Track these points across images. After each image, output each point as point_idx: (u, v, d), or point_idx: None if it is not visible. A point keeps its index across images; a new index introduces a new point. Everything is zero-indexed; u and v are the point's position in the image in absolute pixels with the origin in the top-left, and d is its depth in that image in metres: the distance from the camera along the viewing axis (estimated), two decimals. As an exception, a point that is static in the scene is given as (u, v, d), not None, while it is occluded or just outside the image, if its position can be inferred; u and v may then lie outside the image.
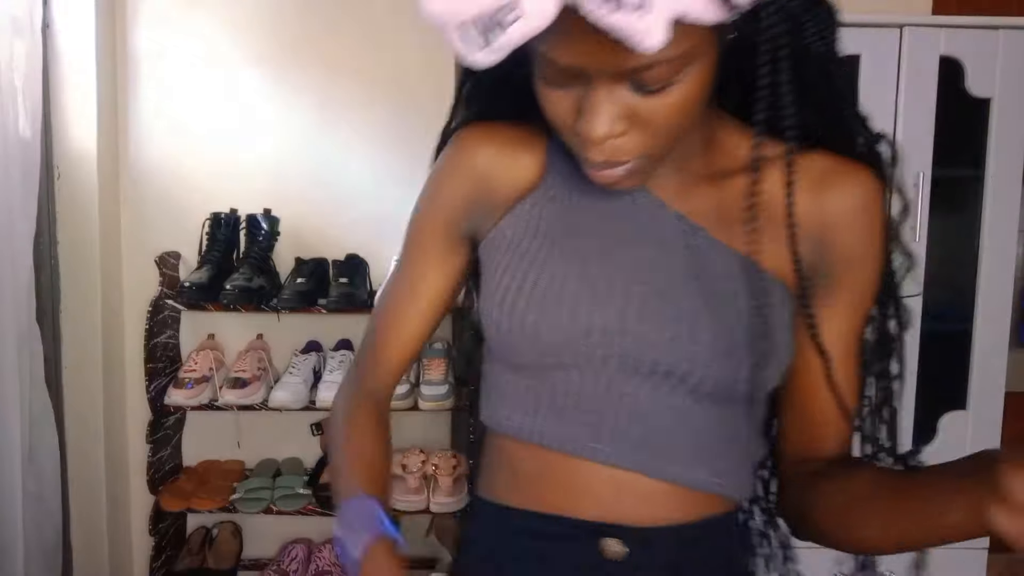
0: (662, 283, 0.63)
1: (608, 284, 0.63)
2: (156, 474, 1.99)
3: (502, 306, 0.65)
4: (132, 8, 2.05)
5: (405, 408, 1.92)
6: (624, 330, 0.62)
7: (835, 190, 0.63)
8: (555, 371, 0.64)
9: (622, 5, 0.45)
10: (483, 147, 0.70)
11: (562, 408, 0.64)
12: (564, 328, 0.62)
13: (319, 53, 2.08)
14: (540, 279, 0.64)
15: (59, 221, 1.91)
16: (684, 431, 0.63)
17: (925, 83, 1.72)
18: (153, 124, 2.08)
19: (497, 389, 0.69)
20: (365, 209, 2.11)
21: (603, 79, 0.53)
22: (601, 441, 0.63)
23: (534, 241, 0.66)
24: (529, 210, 0.68)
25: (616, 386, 0.63)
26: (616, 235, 0.65)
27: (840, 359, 0.65)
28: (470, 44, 0.50)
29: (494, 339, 0.67)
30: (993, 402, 1.82)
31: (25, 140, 1.72)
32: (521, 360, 0.66)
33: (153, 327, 1.96)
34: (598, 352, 0.63)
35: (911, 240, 1.76)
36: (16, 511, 1.67)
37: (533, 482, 0.66)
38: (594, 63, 0.52)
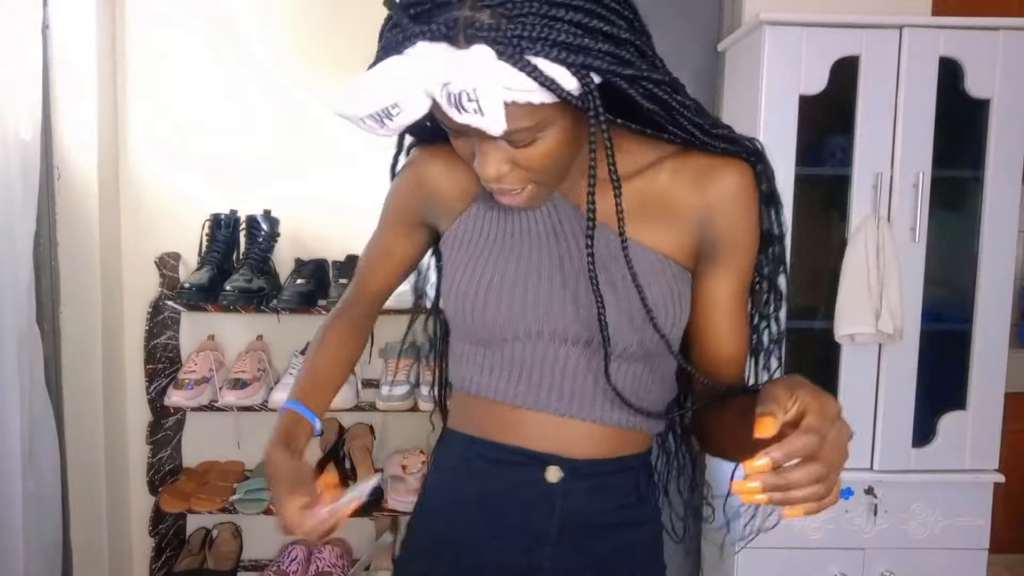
0: (579, 272, 0.81)
1: (537, 275, 0.81)
2: (156, 475, 1.99)
3: (457, 296, 0.83)
4: (132, 8, 2.05)
5: (405, 408, 1.92)
6: (551, 312, 0.81)
7: (714, 182, 0.79)
8: (502, 344, 0.83)
9: (463, 110, 0.63)
10: (431, 162, 0.89)
11: (510, 371, 0.83)
12: (506, 312, 0.81)
13: (319, 53, 2.08)
14: (485, 274, 0.82)
15: (59, 222, 1.91)
16: (603, 383, 0.81)
17: (925, 83, 1.72)
18: (153, 125, 2.08)
19: (459, 357, 0.88)
20: (365, 210, 2.10)
21: (484, 140, 0.70)
22: (541, 395, 0.82)
23: (479, 243, 0.85)
24: (474, 216, 0.86)
25: (550, 353, 0.82)
26: (541, 235, 0.83)
27: (730, 312, 0.84)
28: (371, 128, 0.70)
29: (453, 321, 0.86)
30: (993, 402, 1.82)
31: (25, 141, 1.72)
32: (475, 337, 0.84)
33: (153, 328, 1.96)
34: (533, 329, 0.81)
35: (911, 240, 1.76)
36: (16, 511, 1.67)
37: (492, 425, 0.85)
38: (467, 130, 0.68)
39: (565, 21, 0.63)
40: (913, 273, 1.77)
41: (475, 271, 0.83)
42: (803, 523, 1.83)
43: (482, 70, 0.62)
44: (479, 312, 0.82)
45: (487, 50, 0.62)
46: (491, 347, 0.84)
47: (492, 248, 0.84)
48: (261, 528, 2.18)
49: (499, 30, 0.62)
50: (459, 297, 0.83)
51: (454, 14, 0.62)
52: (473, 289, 0.82)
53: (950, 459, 1.83)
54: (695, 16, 2.14)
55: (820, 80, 1.73)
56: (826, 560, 1.85)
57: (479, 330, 0.83)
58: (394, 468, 2.01)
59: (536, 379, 0.82)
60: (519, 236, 0.83)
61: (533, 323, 0.81)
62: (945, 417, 1.82)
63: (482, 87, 0.62)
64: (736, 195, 0.80)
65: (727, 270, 0.82)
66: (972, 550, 1.85)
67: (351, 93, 0.68)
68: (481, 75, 0.62)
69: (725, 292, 0.83)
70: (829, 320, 1.78)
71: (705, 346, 0.85)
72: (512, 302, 0.81)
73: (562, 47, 0.63)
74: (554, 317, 0.81)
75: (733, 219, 0.80)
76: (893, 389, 1.80)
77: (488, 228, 0.85)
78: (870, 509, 1.83)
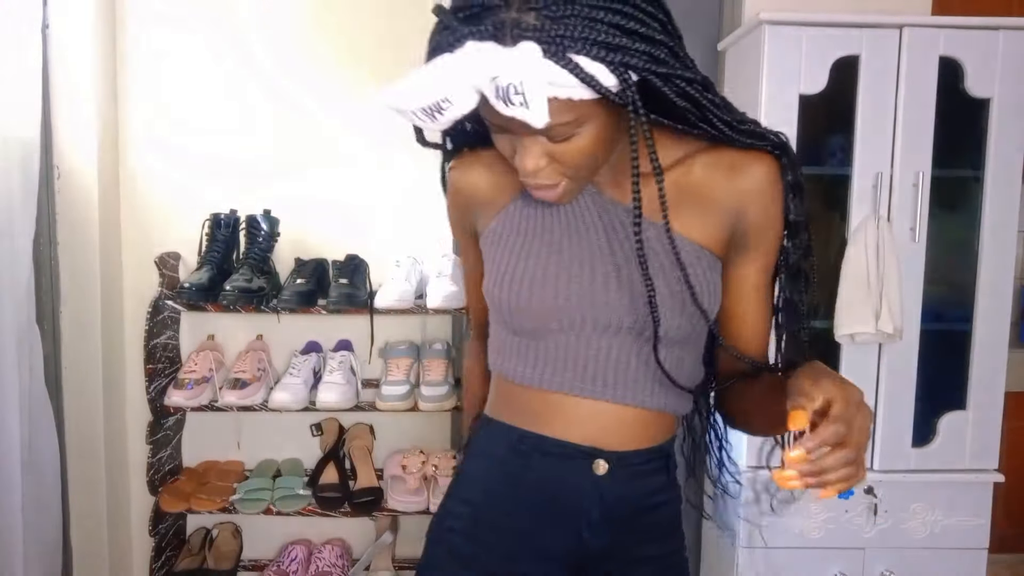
0: (619, 261, 0.86)
1: (579, 266, 0.86)
2: (156, 475, 1.99)
3: (501, 287, 0.88)
4: (132, 8, 2.05)
5: (405, 408, 1.92)
6: (594, 301, 0.85)
7: (744, 175, 0.84)
8: (546, 334, 0.87)
9: (510, 103, 0.67)
10: (467, 172, 0.94)
11: (556, 361, 0.88)
12: (549, 302, 0.86)
13: (319, 53, 2.08)
14: (528, 266, 0.87)
15: (59, 221, 1.90)
16: (644, 369, 0.87)
17: (925, 83, 1.72)
18: (153, 124, 2.08)
19: (502, 346, 0.93)
20: (365, 210, 2.11)
21: (525, 136, 0.75)
22: (586, 383, 0.87)
23: (519, 237, 0.89)
24: (513, 212, 0.91)
25: (594, 341, 0.86)
26: (580, 228, 0.87)
27: (757, 295, 0.90)
28: (422, 121, 0.73)
29: (496, 312, 0.91)
30: (993, 402, 1.82)
31: (25, 140, 1.72)
32: (519, 326, 0.89)
33: (153, 328, 1.96)
34: (576, 318, 0.86)
35: (911, 240, 1.76)
36: (16, 511, 1.67)
37: (536, 414, 0.90)
38: (510, 125, 0.74)
39: (604, 23, 0.68)
40: (913, 273, 1.77)
41: (519, 264, 0.87)
42: (803, 523, 1.83)
43: (528, 65, 0.67)
44: (525, 303, 0.86)
45: (534, 47, 0.67)
46: (537, 338, 0.88)
47: (534, 242, 0.88)
48: (261, 528, 2.18)
49: (543, 30, 0.67)
50: (504, 289, 0.88)
51: (501, 16, 0.68)
52: (517, 281, 0.87)
53: (950, 459, 1.83)
54: (695, 16, 2.15)
55: (820, 80, 1.73)
56: (826, 560, 1.85)
57: (523, 321, 0.88)
58: (394, 468, 2.01)
59: (581, 367, 0.87)
60: (559, 230, 0.88)
61: (578, 313, 0.85)
62: (945, 417, 1.83)
63: (528, 81, 0.66)
64: (764, 186, 0.85)
65: (756, 256, 0.88)
66: (972, 550, 1.85)
67: (405, 88, 0.72)
68: (527, 70, 0.67)
69: (754, 277, 0.89)
70: (829, 320, 1.78)
71: (734, 327, 0.91)
72: (556, 293, 0.86)
73: (601, 46, 0.68)
74: (598, 306, 0.85)
75: (762, 208, 0.85)
76: (893, 389, 1.80)
77: (529, 223, 0.90)
78: (870, 509, 1.83)
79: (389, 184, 2.10)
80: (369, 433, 2.16)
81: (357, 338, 2.12)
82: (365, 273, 2.00)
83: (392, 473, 2.01)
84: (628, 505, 0.90)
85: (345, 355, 2.02)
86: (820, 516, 1.84)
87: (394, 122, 0.72)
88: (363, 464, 2.06)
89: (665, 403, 0.89)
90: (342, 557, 2.10)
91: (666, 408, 0.90)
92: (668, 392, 0.89)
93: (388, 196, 2.10)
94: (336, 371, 1.96)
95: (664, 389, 0.89)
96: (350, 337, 2.12)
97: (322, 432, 2.15)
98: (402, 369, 1.99)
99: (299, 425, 2.13)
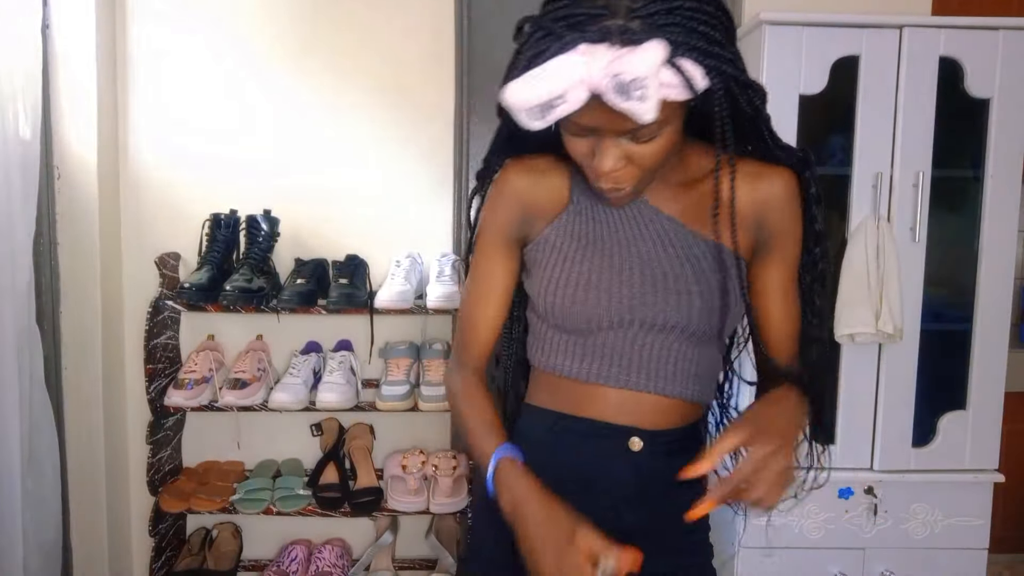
0: (665, 266, 0.93)
1: (629, 271, 0.93)
2: (156, 475, 1.99)
3: (555, 291, 0.94)
4: (132, 8, 2.05)
5: (405, 408, 1.92)
6: (643, 303, 0.93)
7: (765, 183, 0.93)
8: (596, 333, 0.94)
9: (630, 97, 0.73)
10: (523, 177, 0.98)
11: (602, 357, 0.95)
12: (601, 305, 0.93)
13: (319, 53, 2.08)
14: (581, 271, 0.94)
15: (59, 222, 1.91)
16: (683, 363, 0.95)
17: (925, 83, 1.72)
18: (153, 124, 2.08)
19: (549, 343, 0.99)
20: (365, 210, 2.11)
21: (610, 134, 0.81)
22: (631, 376, 0.95)
23: (572, 243, 0.96)
24: (566, 221, 0.97)
25: (639, 340, 0.94)
26: (628, 235, 0.95)
27: (783, 297, 0.96)
28: (531, 118, 0.78)
29: (548, 314, 0.96)
30: (993, 402, 1.82)
31: (25, 141, 1.72)
32: (570, 327, 0.95)
33: (153, 328, 1.96)
34: (625, 318, 0.93)
35: (911, 240, 1.76)
36: (16, 511, 1.67)
37: (577, 402, 0.97)
38: (605, 125, 0.80)
39: (699, 32, 0.75)
40: (913, 273, 1.77)
41: (572, 269, 0.94)
42: (803, 523, 1.83)
43: (653, 61, 0.73)
44: (577, 305, 0.93)
45: (662, 45, 0.73)
46: (584, 335, 0.95)
47: (586, 249, 0.95)
48: (261, 528, 2.18)
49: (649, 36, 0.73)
50: (556, 293, 0.95)
51: (607, 23, 0.74)
52: (572, 285, 0.94)
53: (950, 459, 1.83)
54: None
55: (820, 80, 1.73)
56: (826, 560, 1.85)
57: (574, 321, 0.94)
58: (394, 468, 2.01)
59: (626, 362, 0.94)
60: (608, 237, 0.95)
61: (624, 313, 0.93)
62: (945, 417, 1.82)
63: (651, 76, 0.72)
64: (785, 196, 0.93)
65: (779, 260, 0.95)
66: (972, 550, 1.85)
67: (523, 85, 0.76)
68: (651, 65, 0.72)
69: (778, 279, 0.96)
70: (829, 320, 1.78)
71: (761, 328, 0.98)
72: (603, 296, 0.93)
73: (700, 52, 0.76)
74: (642, 307, 0.93)
75: (784, 216, 0.93)
76: (893, 389, 1.80)
77: (580, 230, 0.96)
78: (870, 509, 1.83)
79: (389, 184, 2.10)
80: (369, 433, 2.16)
81: (357, 338, 2.12)
82: (365, 273, 2.00)
83: (392, 473, 2.01)
84: (662, 481, 0.94)
85: (345, 355, 2.02)
86: (820, 516, 1.84)
87: (395, 122, 0.72)
88: (363, 464, 2.06)
89: (697, 393, 0.97)
90: (342, 557, 2.10)
91: (697, 398, 0.97)
92: (701, 383, 0.97)
93: (388, 196, 2.10)
94: (336, 371, 1.96)
95: (698, 380, 0.96)
96: (350, 337, 2.12)
97: (322, 432, 2.15)
98: (402, 369, 1.99)
99: (299, 425, 2.13)
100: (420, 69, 2.09)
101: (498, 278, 1.02)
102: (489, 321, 1.03)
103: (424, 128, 2.09)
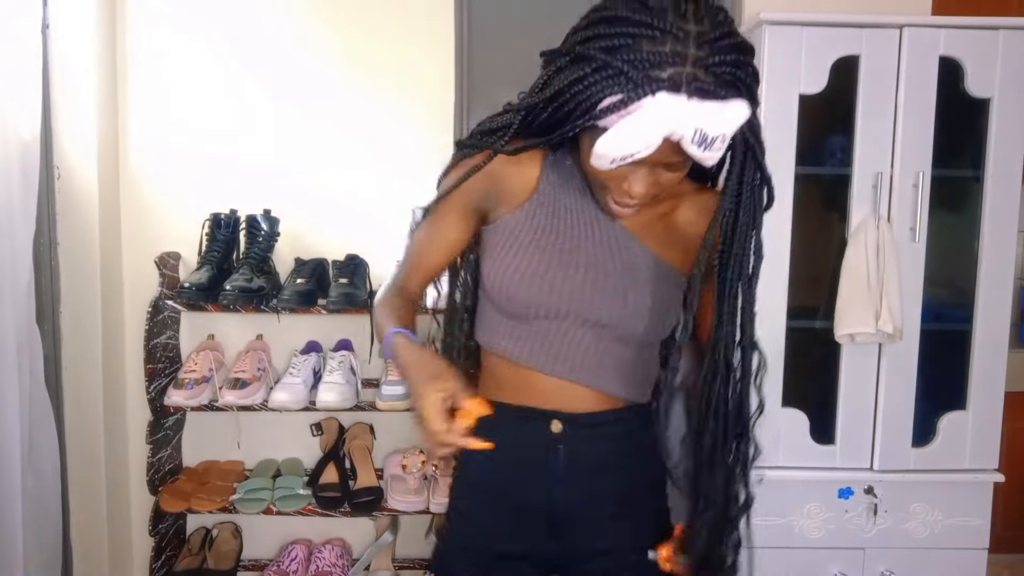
0: (608, 269, 1.00)
1: (574, 268, 1.00)
2: (156, 474, 1.99)
3: (503, 275, 1.01)
4: (132, 8, 2.05)
5: (405, 408, 1.92)
6: (580, 299, 0.99)
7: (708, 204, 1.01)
8: (533, 320, 1.02)
9: (710, 148, 0.81)
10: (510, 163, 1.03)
11: (537, 342, 1.02)
12: (541, 294, 1.00)
13: (320, 53, 2.08)
14: (531, 260, 1.00)
15: (59, 221, 1.90)
16: (609, 361, 1.02)
17: (925, 83, 1.72)
18: (153, 124, 2.08)
19: (492, 325, 1.07)
20: (365, 209, 2.11)
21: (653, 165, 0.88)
22: (558, 364, 1.02)
23: (529, 234, 1.01)
24: (527, 210, 1.03)
25: (572, 332, 1.01)
26: (581, 235, 1.01)
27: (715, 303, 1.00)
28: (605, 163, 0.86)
29: (494, 296, 1.03)
30: (993, 402, 1.82)
31: (25, 140, 1.72)
32: (510, 310, 1.02)
33: (153, 327, 1.96)
34: (562, 310, 1.00)
35: (911, 240, 1.76)
36: (16, 511, 1.67)
37: (513, 388, 1.06)
38: (659, 160, 0.86)
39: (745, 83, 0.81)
40: (913, 273, 1.77)
41: (522, 258, 1.00)
42: (803, 523, 1.83)
43: (739, 120, 0.80)
44: (521, 292, 1.00)
45: (746, 106, 0.80)
46: (522, 320, 1.02)
47: (540, 240, 1.01)
48: (261, 528, 2.19)
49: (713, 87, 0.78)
50: (503, 276, 1.01)
51: (679, 70, 0.77)
52: (519, 272, 1.00)
53: (950, 459, 1.83)
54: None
55: (820, 80, 1.73)
56: (826, 560, 1.85)
57: (515, 306, 1.01)
58: (394, 468, 2.01)
59: (555, 351, 1.01)
60: (562, 233, 1.01)
61: (562, 305, 1.00)
62: (945, 417, 1.82)
63: (731, 132, 0.80)
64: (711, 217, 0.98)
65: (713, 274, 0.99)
66: (972, 550, 1.85)
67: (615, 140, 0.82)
68: (737, 124, 0.80)
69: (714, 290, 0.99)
70: (829, 320, 1.78)
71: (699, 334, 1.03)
72: (545, 287, 0.99)
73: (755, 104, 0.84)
74: (579, 303, 0.99)
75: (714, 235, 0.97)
76: (893, 389, 1.80)
77: (538, 223, 1.02)
78: (870, 509, 1.83)
79: (389, 184, 2.10)
80: (369, 433, 2.16)
81: (357, 338, 2.12)
82: (365, 273, 2.00)
83: (392, 473, 2.01)
84: (588, 462, 1.05)
85: (345, 355, 2.02)
86: (820, 516, 1.84)
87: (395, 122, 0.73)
88: (363, 464, 2.06)
89: (622, 390, 1.04)
90: (342, 557, 2.10)
91: (623, 395, 1.05)
92: (628, 382, 1.05)
93: (388, 196, 2.10)
94: (336, 371, 1.96)
95: (625, 379, 1.04)
96: (350, 337, 2.12)
97: (322, 432, 2.15)
98: (402, 369, 1.99)
99: (299, 425, 2.13)
100: (420, 69, 2.09)
101: (453, 232, 1.08)
102: (427, 264, 1.11)
103: (424, 128, 2.09)
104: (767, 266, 0.99)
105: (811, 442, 1.82)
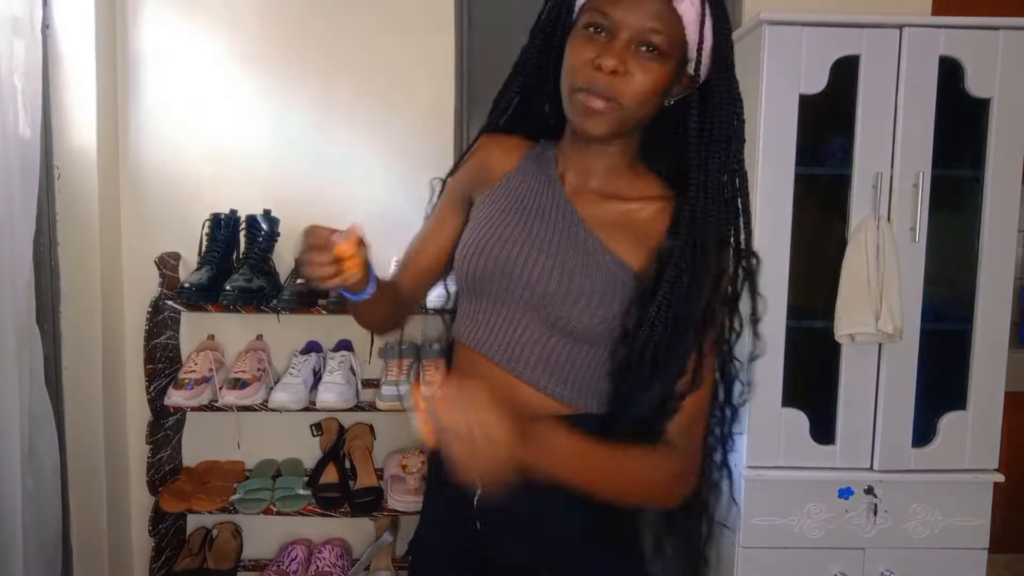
0: (561, 260, 0.97)
1: (528, 251, 0.98)
2: (156, 475, 1.99)
3: (463, 248, 1.02)
4: (132, 8, 2.05)
5: (405, 408, 1.92)
6: (527, 283, 0.98)
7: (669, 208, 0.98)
8: (482, 297, 1.01)
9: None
10: (490, 143, 1.09)
11: (486, 326, 1.01)
12: (482, 267, 0.99)
13: (319, 53, 2.08)
14: (481, 236, 1.00)
15: (59, 221, 1.91)
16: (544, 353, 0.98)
17: (925, 83, 1.72)
18: (153, 124, 2.08)
19: (459, 311, 1.07)
20: (365, 209, 2.11)
21: (624, 37, 0.89)
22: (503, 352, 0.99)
23: (493, 212, 1.02)
24: (498, 189, 1.05)
25: (515, 318, 0.99)
26: (542, 222, 1.00)
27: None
28: None
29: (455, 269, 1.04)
30: (993, 402, 1.81)
31: (25, 140, 1.72)
32: (461, 287, 1.03)
33: (153, 328, 1.96)
34: (501, 287, 0.98)
35: (911, 240, 1.76)
36: (16, 511, 1.67)
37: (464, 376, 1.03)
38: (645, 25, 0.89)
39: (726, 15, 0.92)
40: (913, 273, 1.77)
41: (482, 233, 1.00)
42: (803, 523, 1.83)
43: None
44: (465, 265, 1.00)
45: None
46: (471, 300, 1.03)
47: (494, 218, 1.01)
48: (261, 528, 2.18)
49: None
50: (459, 253, 1.02)
51: None
52: (473, 245, 1.00)
53: (950, 459, 1.83)
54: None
55: (820, 80, 1.73)
56: (826, 560, 1.85)
57: (464, 279, 1.01)
58: (394, 468, 2.01)
59: (500, 337, 0.99)
60: (524, 215, 1.01)
61: (506, 281, 0.98)
62: (945, 417, 1.82)
63: None
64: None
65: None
66: (972, 550, 1.85)
67: None
68: None
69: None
70: (829, 320, 1.78)
71: None
72: (496, 263, 0.98)
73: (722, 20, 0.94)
74: (526, 288, 0.98)
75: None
76: (893, 389, 1.80)
77: (505, 204, 1.02)
78: (870, 509, 1.83)
79: (389, 184, 2.10)
80: (369, 433, 2.16)
81: (357, 338, 2.12)
82: (365, 273, 1.99)
83: (392, 473, 2.01)
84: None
85: (345, 355, 2.02)
86: (820, 516, 1.84)
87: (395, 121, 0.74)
88: (363, 464, 2.06)
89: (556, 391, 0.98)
90: (342, 557, 2.10)
91: (556, 395, 0.98)
92: (566, 383, 0.99)
93: (388, 196, 2.10)
94: (336, 371, 1.96)
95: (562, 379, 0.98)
96: (350, 337, 2.12)
97: (322, 432, 2.15)
98: (402, 369, 1.99)
99: (299, 425, 2.13)
100: (420, 69, 2.09)
101: (446, 228, 1.11)
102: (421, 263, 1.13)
103: (424, 128, 2.09)
104: (767, 266, 0.98)
105: (811, 442, 1.82)
